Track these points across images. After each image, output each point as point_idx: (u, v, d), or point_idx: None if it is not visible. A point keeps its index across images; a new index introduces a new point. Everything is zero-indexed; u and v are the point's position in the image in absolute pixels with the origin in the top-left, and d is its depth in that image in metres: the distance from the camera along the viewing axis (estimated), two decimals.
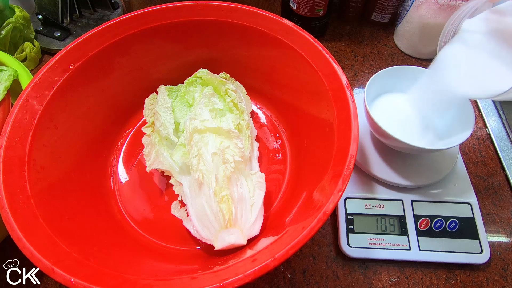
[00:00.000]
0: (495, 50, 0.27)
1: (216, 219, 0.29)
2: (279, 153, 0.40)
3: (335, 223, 0.37)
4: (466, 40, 0.28)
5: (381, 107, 0.37)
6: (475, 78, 0.28)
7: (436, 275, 0.34)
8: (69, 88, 0.33)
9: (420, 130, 0.36)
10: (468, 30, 0.28)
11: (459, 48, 0.28)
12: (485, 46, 0.27)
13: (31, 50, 0.51)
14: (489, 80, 0.27)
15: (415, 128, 0.36)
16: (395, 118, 0.36)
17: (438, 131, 0.36)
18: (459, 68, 0.28)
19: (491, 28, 0.27)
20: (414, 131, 0.36)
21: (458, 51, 0.29)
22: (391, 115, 0.37)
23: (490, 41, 0.27)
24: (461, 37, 0.28)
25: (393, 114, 0.37)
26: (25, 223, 0.25)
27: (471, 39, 0.28)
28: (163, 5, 0.37)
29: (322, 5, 0.49)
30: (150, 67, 0.41)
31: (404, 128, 0.35)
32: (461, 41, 0.28)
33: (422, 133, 0.36)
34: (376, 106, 0.37)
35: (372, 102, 0.38)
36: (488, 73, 0.27)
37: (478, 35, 0.27)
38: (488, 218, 0.38)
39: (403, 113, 0.37)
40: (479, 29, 0.27)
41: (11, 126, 0.29)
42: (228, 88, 0.38)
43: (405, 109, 0.38)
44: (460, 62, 0.28)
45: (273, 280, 0.34)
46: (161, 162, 0.35)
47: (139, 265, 0.29)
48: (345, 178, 0.25)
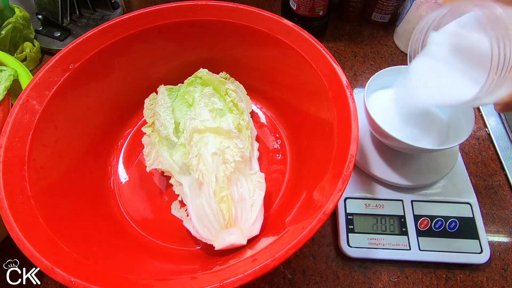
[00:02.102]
0: (457, 64, 0.29)
1: (216, 219, 0.29)
2: (279, 153, 0.40)
3: (335, 223, 0.37)
4: (432, 54, 0.30)
5: (381, 107, 0.37)
6: (440, 90, 0.30)
7: (436, 275, 0.34)
8: (69, 88, 0.34)
9: (420, 130, 0.36)
10: (434, 43, 0.30)
11: (425, 61, 0.31)
12: (448, 59, 0.29)
13: (31, 50, 0.51)
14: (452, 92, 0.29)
15: (415, 128, 0.36)
16: (395, 118, 0.36)
17: (438, 131, 0.36)
18: (426, 81, 0.31)
19: (454, 42, 0.29)
20: (414, 131, 0.36)
21: (425, 64, 0.31)
22: (391, 115, 0.37)
23: (452, 54, 0.29)
24: (428, 50, 0.31)
25: (393, 114, 0.37)
26: (25, 223, 0.25)
27: (436, 52, 0.30)
28: (163, 5, 0.37)
29: (322, 5, 0.49)
30: (150, 67, 0.41)
31: (404, 128, 0.35)
32: (428, 54, 0.31)
33: (422, 133, 0.36)
34: (376, 106, 0.37)
35: (372, 102, 0.38)
36: (451, 85, 0.29)
37: (442, 48, 0.29)
38: (488, 218, 0.38)
39: (403, 113, 0.37)
40: (444, 42, 0.29)
41: (11, 126, 0.29)
42: (228, 88, 0.38)
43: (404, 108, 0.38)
44: (426, 74, 0.31)
45: (273, 280, 0.34)
46: (161, 162, 0.35)
47: (139, 265, 0.29)
48: (345, 178, 0.25)
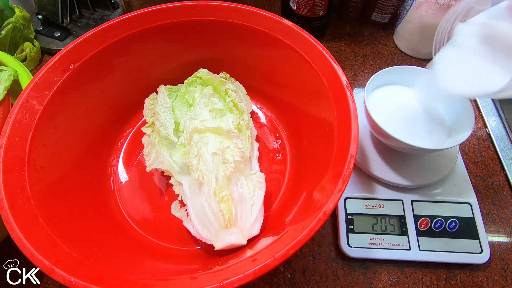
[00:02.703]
0: (487, 54, 0.29)
1: (216, 219, 0.29)
2: (279, 153, 0.40)
3: (335, 223, 0.37)
4: (460, 44, 0.30)
5: (381, 107, 0.37)
6: (470, 79, 0.30)
7: (436, 275, 0.34)
8: (69, 88, 0.34)
9: (420, 130, 0.36)
10: (462, 34, 0.30)
11: (453, 51, 0.31)
12: (478, 50, 0.29)
13: (31, 50, 0.51)
14: (482, 80, 0.29)
15: (415, 128, 0.36)
16: (395, 118, 0.36)
17: (438, 131, 0.36)
18: (455, 71, 0.30)
19: (483, 33, 0.29)
20: (414, 131, 0.36)
21: (453, 54, 0.31)
22: (391, 115, 0.37)
23: (482, 45, 0.29)
24: (455, 41, 0.31)
25: (393, 114, 0.37)
26: (25, 223, 0.25)
27: (465, 42, 0.30)
28: (163, 5, 0.37)
29: (322, 5, 0.49)
30: (150, 67, 0.41)
31: (404, 128, 0.35)
32: (456, 44, 0.31)
33: (422, 133, 0.36)
34: (376, 106, 0.37)
35: (372, 102, 0.38)
36: (481, 74, 0.29)
37: (472, 39, 0.30)
38: (488, 218, 0.38)
39: (402, 113, 0.37)
40: (472, 33, 0.30)
41: (11, 126, 0.29)
42: (228, 88, 0.38)
43: (404, 108, 0.38)
44: (455, 64, 0.31)
45: (273, 280, 0.34)
46: (161, 162, 0.35)
47: (139, 265, 0.29)
48: (345, 178, 0.25)
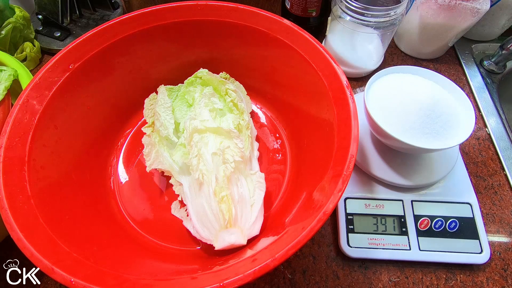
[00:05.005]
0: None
1: (216, 219, 0.29)
2: (279, 153, 0.40)
3: (335, 223, 0.37)
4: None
5: (381, 107, 0.37)
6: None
7: (436, 275, 0.34)
8: (69, 88, 0.33)
9: (420, 130, 0.36)
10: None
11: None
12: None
13: (31, 50, 0.51)
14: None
15: (415, 128, 0.36)
16: (395, 118, 0.36)
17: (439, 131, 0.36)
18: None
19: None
20: (414, 131, 0.36)
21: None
22: (391, 115, 0.37)
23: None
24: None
25: (393, 115, 0.37)
26: (25, 223, 0.25)
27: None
28: (163, 5, 0.37)
29: (315, 6, 0.49)
30: (150, 67, 0.41)
31: (404, 128, 0.35)
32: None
33: (422, 132, 0.36)
34: (376, 106, 0.37)
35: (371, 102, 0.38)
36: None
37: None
38: (488, 218, 0.38)
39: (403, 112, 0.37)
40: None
41: (11, 126, 0.29)
42: (228, 88, 0.38)
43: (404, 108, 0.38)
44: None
45: (273, 280, 0.34)
46: (161, 162, 0.35)
47: (139, 265, 0.29)
48: (345, 178, 0.25)
